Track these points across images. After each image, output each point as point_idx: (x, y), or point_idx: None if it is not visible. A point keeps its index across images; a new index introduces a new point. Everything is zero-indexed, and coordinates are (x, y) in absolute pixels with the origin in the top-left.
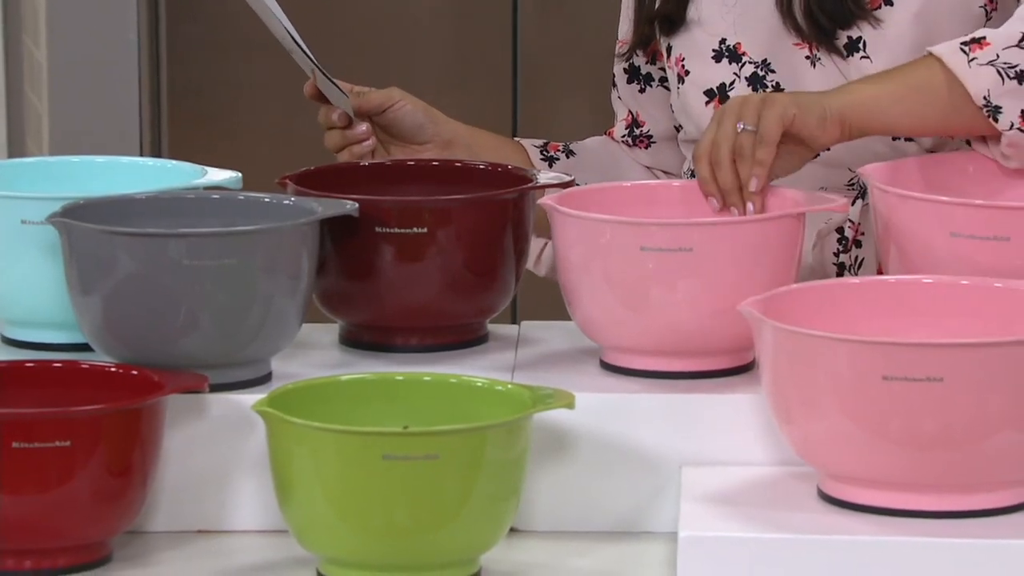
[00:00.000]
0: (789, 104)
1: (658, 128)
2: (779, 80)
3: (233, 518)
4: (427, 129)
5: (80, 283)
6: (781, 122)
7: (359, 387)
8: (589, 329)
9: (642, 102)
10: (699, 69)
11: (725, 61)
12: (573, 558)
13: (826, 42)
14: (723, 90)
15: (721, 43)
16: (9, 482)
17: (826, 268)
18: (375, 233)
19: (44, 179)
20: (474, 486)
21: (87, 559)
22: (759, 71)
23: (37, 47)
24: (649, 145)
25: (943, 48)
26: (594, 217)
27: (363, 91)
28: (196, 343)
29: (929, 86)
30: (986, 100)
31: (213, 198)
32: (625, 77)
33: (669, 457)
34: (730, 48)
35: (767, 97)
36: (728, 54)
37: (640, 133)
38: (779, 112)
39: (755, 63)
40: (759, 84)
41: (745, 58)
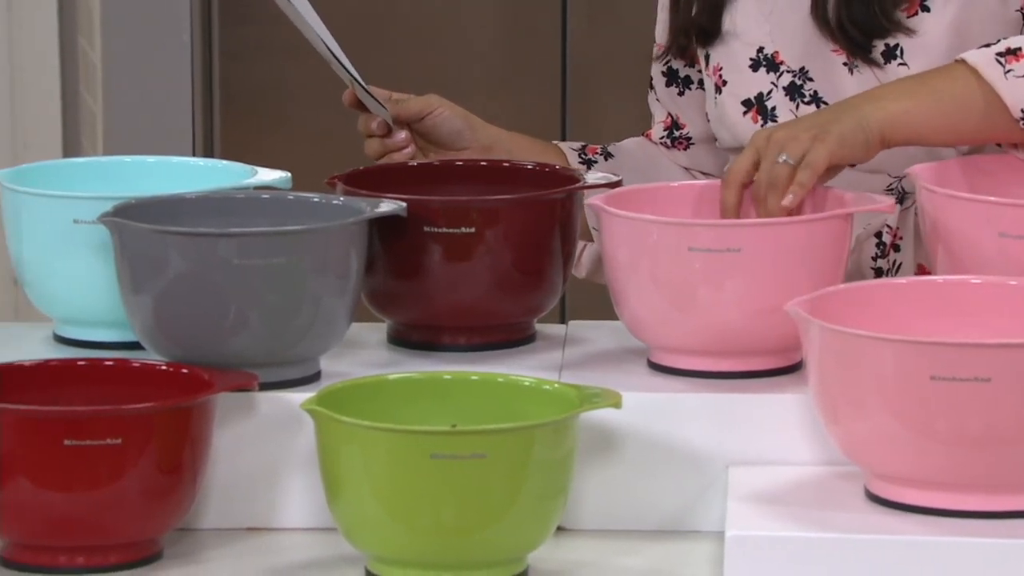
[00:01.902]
0: (835, 144)
1: (697, 130)
2: (817, 88)
3: (282, 516)
4: (465, 135)
5: (131, 282)
6: (828, 160)
7: (407, 386)
8: (636, 329)
9: (681, 105)
10: (737, 79)
11: (763, 70)
12: (620, 557)
13: (860, 54)
14: (760, 99)
15: (759, 52)
16: (61, 479)
17: (863, 273)
18: (423, 233)
19: (96, 179)
20: (521, 485)
21: (138, 556)
22: (796, 80)
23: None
24: (688, 147)
25: (978, 58)
26: (642, 217)
27: (402, 98)
28: (246, 342)
29: (965, 98)
30: (1023, 112)
31: (263, 198)
32: (664, 80)
33: (716, 456)
34: (768, 57)
35: (817, 133)
36: (766, 63)
37: (680, 135)
38: (827, 151)
39: (792, 71)
40: (796, 93)
41: (783, 67)
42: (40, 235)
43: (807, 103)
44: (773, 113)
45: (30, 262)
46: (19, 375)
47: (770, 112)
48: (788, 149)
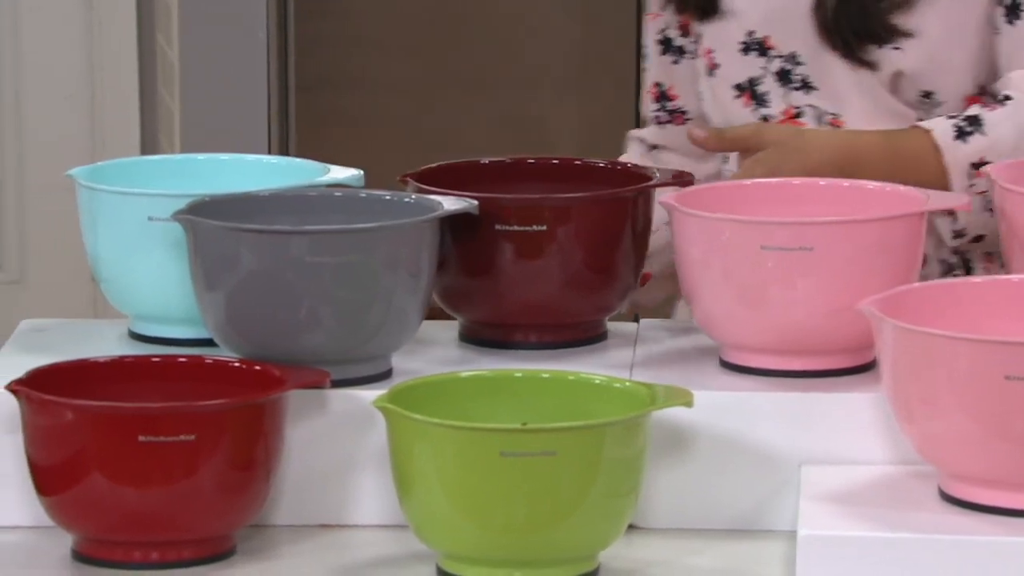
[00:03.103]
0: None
1: (691, 103)
2: (807, 73)
3: (354, 513)
4: None
5: (204, 279)
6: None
7: (478, 384)
8: (708, 327)
9: (675, 75)
10: (728, 63)
11: (754, 55)
12: (692, 556)
13: (854, 60)
14: (752, 84)
15: (749, 35)
16: (135, 475)
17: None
18: (495, 231)
19: (171, 176)
20: (592, 483)
21: (212, 552)
22: (786, 65)
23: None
24: (685, 121)
25: (954, 163)
26: (714, 216)
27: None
28: (318, 339)
29: (927, 184)
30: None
31: (335, 195)
32: (659, 48)
33: (788, 455)
34: (758, 41)
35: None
36: (756, 48)
37: (675, 107)
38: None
39: (782, 56)
40: (787, 79)
41: (772, 52)
42: (115, 232)
43: (797, 89)
44: (764, 98)
45: (105, 259)
46: (94, 371)
47: (761, 97)
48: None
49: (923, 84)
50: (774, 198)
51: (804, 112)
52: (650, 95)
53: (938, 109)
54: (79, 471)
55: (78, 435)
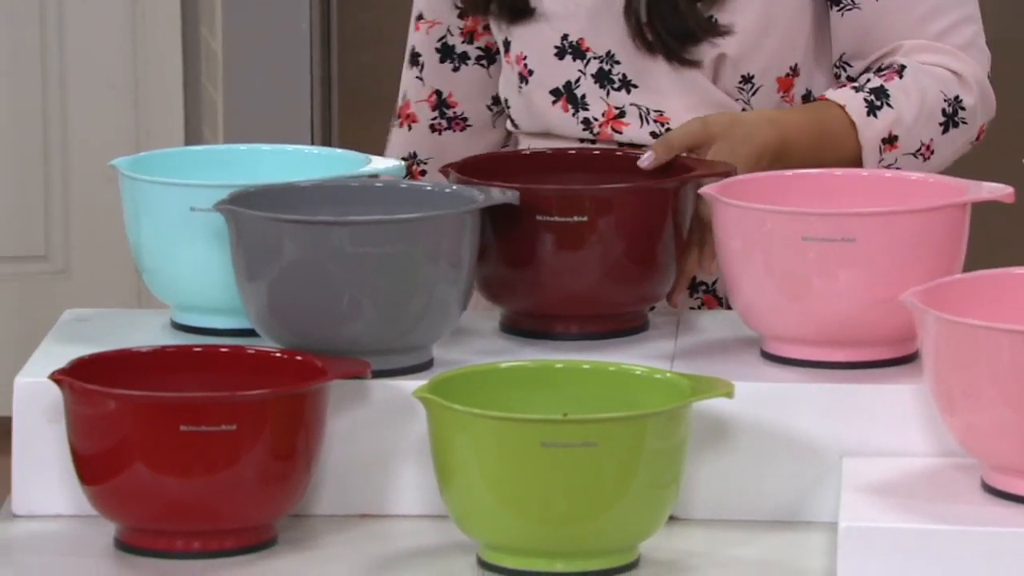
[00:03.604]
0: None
1: (472, 109)
2: (625, 72)
3: (395, 503)
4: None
5: (246, 269)
6: None
7: (519, 374)
8: (750, 318)
9: (457, 82)
10: (543, 68)
11: (569, 58)
12: (733, 547)
13: (677, 58)
14: (569, 88)
15: (563, 39)
16: (177, 465)
17: None
18: (536, 221)
19: (213, 167)
20: (633, 474)
21: (253, 541)
22: (604, 65)
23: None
24: (465, 127)
25: (868, 139)
26: (756, 207)
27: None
28: (359, 329)
29: (842, 161)
30: None
31: (376, 186)
32: (437, 56)
33: (830, 447)
34: (573, 44)
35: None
36: (571, 51)
37: (454, 114)
38: None
39: (599, 57)
40: (606, 79)
41: (589, 54)
42: (157, 223)
43: (617, 89)
44: (584, 101)
45: (148, 249)
46: (136, 361)
47: (580, 100)
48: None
49: (743, 68)
50: (816, 189)
51: (627, 111)
52: (426, 103)
53: (756, 95)
54: (121, 461)
55: (120, 425)
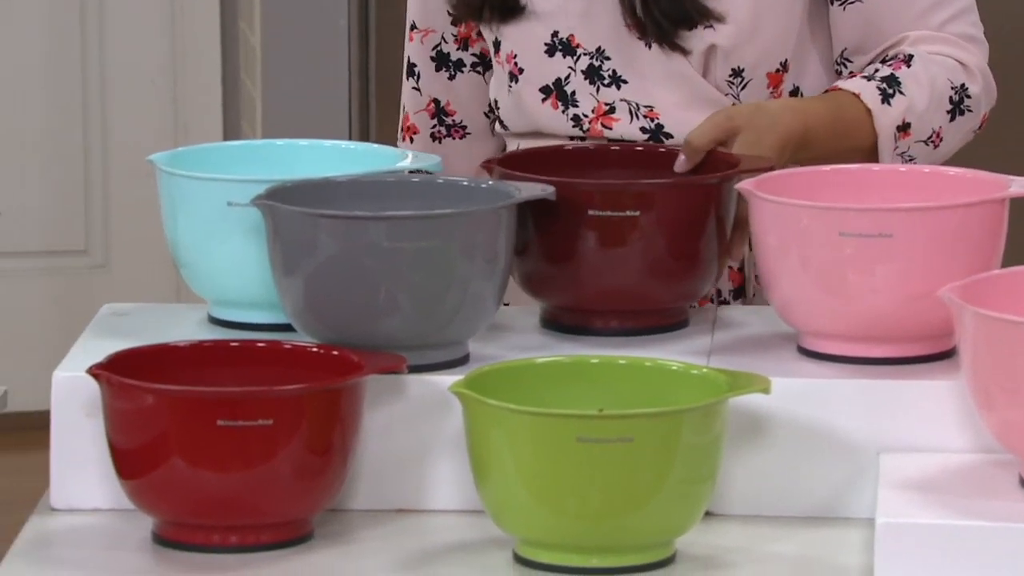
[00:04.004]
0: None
1: (469, 116)
2: (615, 67)
3: (431, 498)
4: None
5: (283, 264)
6: None
7: (555, 369)
8: (786, 314)
9: (453, 90)
10: (533, 65)
11: (559, 55)
12: (769, 543)
13: (668, 42)
14: (559, 85)
15: (554, 36)
16: (214, 459)
17: None
18: (578, 216)
19: (250, 162)
20: (669, 470)
21: (290, 536)
22: (595, 61)
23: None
24: (464, 136)
25: (884, 126)
26: (792, 202)
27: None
28: (395, 324)
29: (859, 150)
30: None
31: (413, 181)
32: (433, 65)
33: (867, 443)
34: (564, 41)
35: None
36: (562, 47)
37: (453, 122)
38: None
39: (590, 53)
40: (596, 75)
41: (580, 50)
42: (194, 217)
43: (607, 85)
44: (574, 98)
45: (185, 244)
46: (174, 356)
47: (570, 97)
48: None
49: (734, 61)
50: (853, 184)
51: (616, 107)
52: (425, 112)
53: (746, 89)
54: (159, 455)
55: (158, 419)
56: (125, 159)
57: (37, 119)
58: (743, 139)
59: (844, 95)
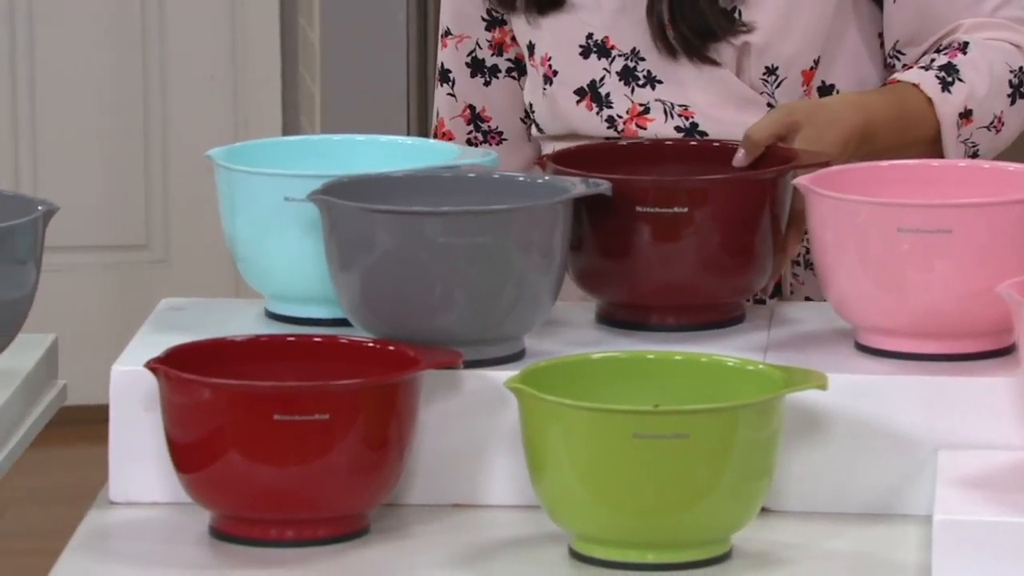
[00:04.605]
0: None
1: (505, 122)
2: (650, 68)
3: (487, 493)
4: None
5: (339, 259)
6: None
7: (611, 365)
8: (844, 310)
9: (489, 96)
10: (568, 68)
11: (594, 57)
12: (826, 539)
13: (698, 56)
14: (594, 87)
15: (588, 38)
16: (271, 453)
17: None
18: (633, 212)
19: (307, 157)
20: (725, 466)
21: (346, 530)
22: (629, 63)
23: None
24: (501, 142)
25: (946, 115)
26: (850, 198)
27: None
28: (451, 320)
29: (922, 141)
30: None
31: (469, 177)
32: (468, 71)
33: (924, 440)
34: (599, 43)
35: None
36: (597, 49)
37: (489, 128)
38: None
39: (624, 55)
40: (631, 76)
41: (615, 51)
42: (252, 212)
43: (642, 85)
44: (608, 99)
45: (242, 239)
46: (231, 350)
47: (605, 99)
48: None
49: (767, 59)
50: (911, 179)
51: (651, 107)
52: (461, 119)
53: (780, 87)
54: (216, 449)
55: (215, 413)
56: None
57: (98, 115)
58: (804, 135)
59: (903, 87)
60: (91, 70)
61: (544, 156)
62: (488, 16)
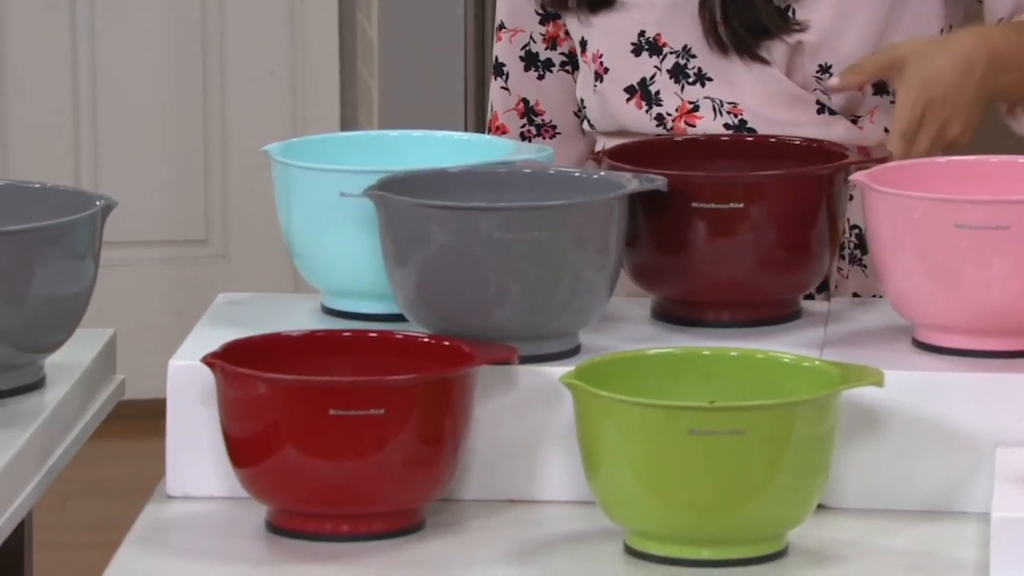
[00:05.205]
0: (974, 126)
1: (559, 117)
2: (701, 66)
3: (542, 488)
4: None
5: (395, 255)
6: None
7: (666, 361)
8: (901, 307)
9: (543, 90)
10: (619, 65)
11: (645, 54)
12: (882, 537)
13: (749, 54)
14: (644, 85)
15: (640, 36)
16: (326, 448)
17: None
18: (688, 208)
19: (363, 152)
20: (780, 462)
21: (401, 525)
22: (680, 60)
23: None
24: (555, 135)
25: None
26: (907, 194)
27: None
28: (506, 315)
29: None
30: None
31: (524, 172)
32: (522, 65)
33: (983, 437)
34: (650, 41)
35: (968, 115)
36: (648, 47)
37: (542, 122)
38: (969, 135)
39: (676, 52)
40: (681, 74)
41: (666, 49)
42: (308, 208)
43: (692, 83)
44: (658, 97)
45: (299, 234)
46: (287, 345)
47: (654, 97)
48: (950, 126)
49: (821, 57)
50: (968, 175)
51: (700, 104)
52: (515, 112)
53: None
54: (272, 443)
55: (271, 408)
56: (244, 150)
57: (159, 112)
58: (911, 69)
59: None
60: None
61: (599, 152)
62: (542, 10)
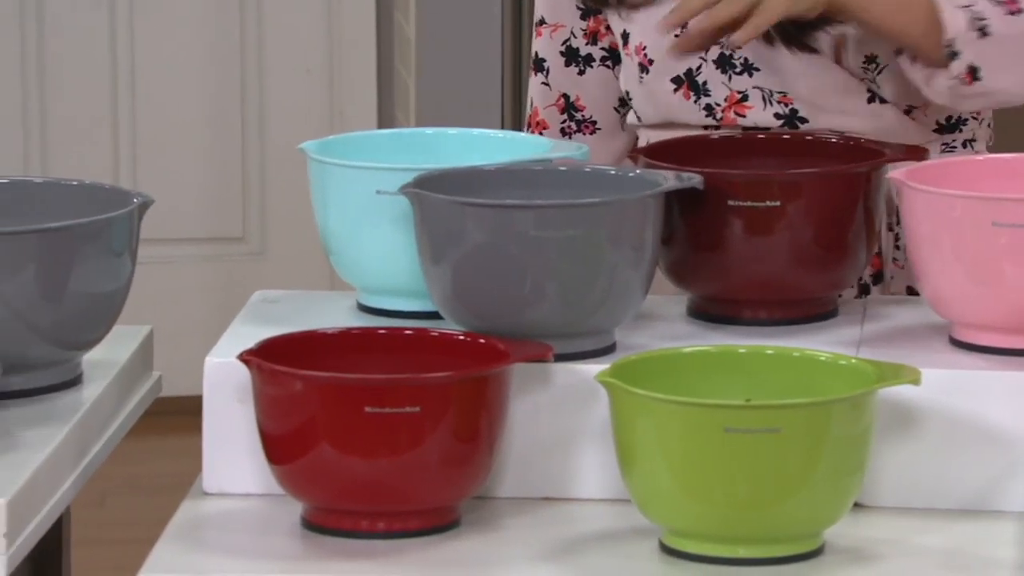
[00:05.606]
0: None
1: (599, 111)
2: (747, 55)
3: (577, 486)
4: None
5: (430, 252)
6: (785, 11)
7: (702, 359)
8: (938, 305)
9: (583, 84)
10: (663, 57)
11: None
12: (919, 535)
13: (796, 44)
14: (690, 75)
15: (683, 28)
16: (362, 446)
17: None
18: (724, 206)
19: (399, 150)
20: (817, 461)
21: (437, 522)
22: (726, 50)
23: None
24: (595, 131)
25: None
26: (945, 192)
27: None
28: (541, 313)
29: (914, 4)
30: (949, 42)
31: (560, 170)
32: (562, 60)
33: (1020, 435)
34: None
35: None
36: None
37: (583, 118)
38: (784, 4)
39: (720, 43)
40: (727, 64)
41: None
42: (344, 205)
43: (739, 73)
44: (705, 87)
45: (334, 232)
46: (323, 343)
47: (702, 87)
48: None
49: (865, 49)
50: (1007, 173)
51: (749, 94)
52: (555, 107)
53: (882, 73)
54: (308, 441)
55: (307, 405)
56: (282, 148)
57: (197, 109)
58: None
59: None
60: (190, 64)
61: (636, 149)
62: (583, 5)
